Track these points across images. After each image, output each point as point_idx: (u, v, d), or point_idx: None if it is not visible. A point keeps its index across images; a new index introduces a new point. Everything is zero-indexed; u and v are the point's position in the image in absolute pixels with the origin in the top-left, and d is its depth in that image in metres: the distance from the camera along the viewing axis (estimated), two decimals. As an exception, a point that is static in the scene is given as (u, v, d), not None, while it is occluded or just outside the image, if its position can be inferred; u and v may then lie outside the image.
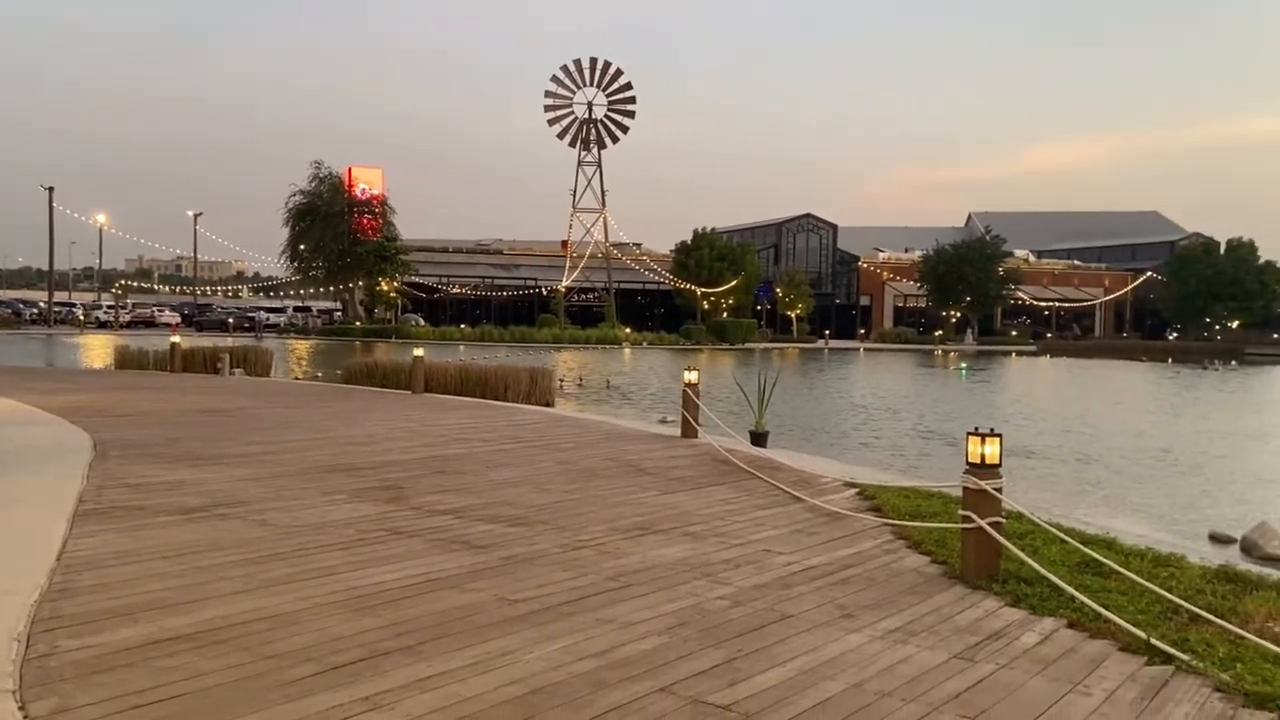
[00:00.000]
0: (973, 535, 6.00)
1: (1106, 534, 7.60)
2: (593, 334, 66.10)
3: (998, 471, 6.00)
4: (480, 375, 20.19)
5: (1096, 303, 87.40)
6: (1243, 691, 4.20)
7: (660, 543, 6.69)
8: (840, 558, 6.49)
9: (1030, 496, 11.21)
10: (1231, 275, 75.43)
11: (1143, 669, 4.50)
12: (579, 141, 75.76)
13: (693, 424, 12.65)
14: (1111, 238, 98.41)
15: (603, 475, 9.54)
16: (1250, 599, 5.71)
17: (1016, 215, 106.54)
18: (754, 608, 5.24)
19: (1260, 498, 12.77)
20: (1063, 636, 4.95)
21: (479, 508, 7.74)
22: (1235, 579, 6.22)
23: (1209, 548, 9.15)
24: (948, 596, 5.64)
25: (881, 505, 8.28)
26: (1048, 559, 6.26)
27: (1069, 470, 14.90)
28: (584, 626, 4.80)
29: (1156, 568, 6.40)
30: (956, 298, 77.58)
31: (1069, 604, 5.38)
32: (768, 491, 8.92)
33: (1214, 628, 5.00)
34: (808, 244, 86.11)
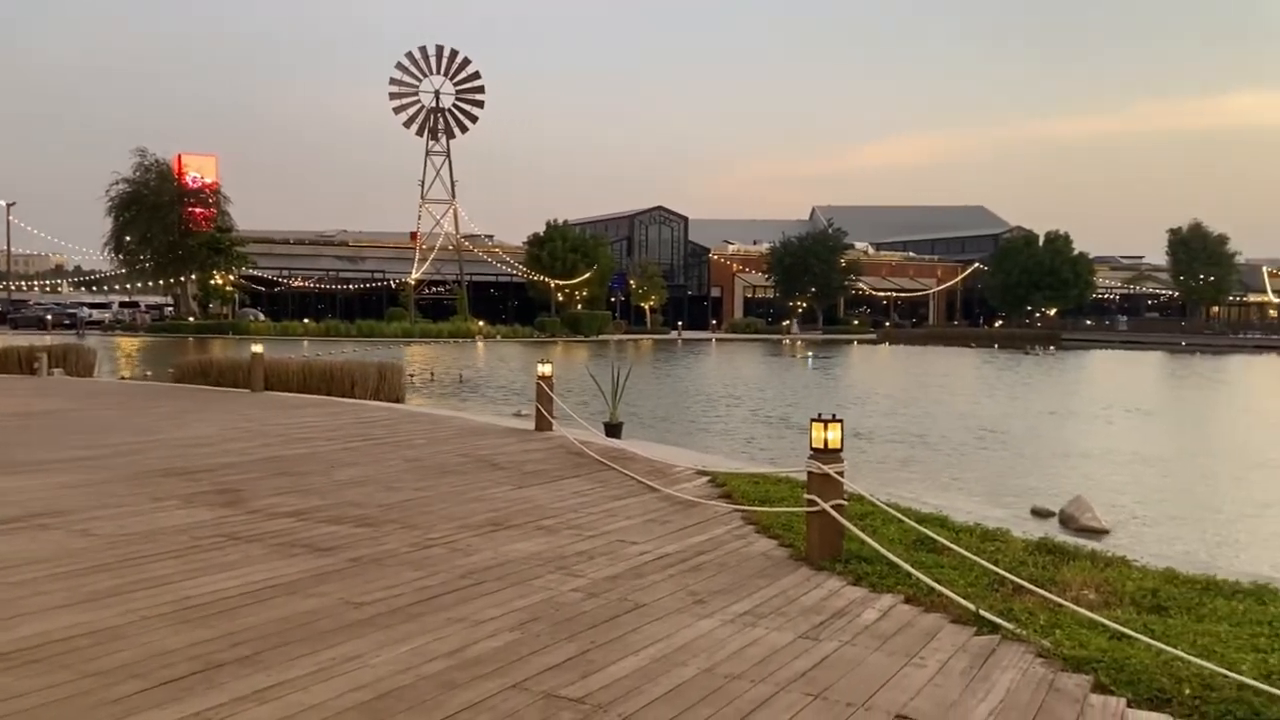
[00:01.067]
0: (817, 518, 6.20)
1: (940, 512, 7.99)
2: (444, 327, 64.95)
3: (840, 456, 6.22)
4: (325, 371, 19.50)
5: (930, 292, 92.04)
6: (1061, 656, 4.49)
7: (513, 538, 6.63)
8: (692, 545, 6.59)
9: (871, 478, 11.70)
10: (1049, 266, 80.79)
11: (972, 639, 4.75)
12: (427, 131, 74.15)
13: (547, 417, 12.59)
14: (942, 231, 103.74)
15: (454, 471, 9.38)
16: (1067, 568, 6.12)
17: (856, 209, 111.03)
18: (608, 599, 5.25)
19: (1077, 472, 13.72)
20: (900, 612, 5.18)
21: (323, 509, 7.47)
22: (1054, 550, 6.66)
23: (1031, 522, 9.77)
24: (794, 578, 5.81)
25: (732, 492, 8.47)
26: (886, 538, 6.54)
27: (906, 451, 15.63)
28: (434, 627, 4.70)
29: (984, 542, 6.78)
30: (802, 288, 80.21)
31: (906, 580, 5.63)
32: (622, 482, 8.97)
33: (1036, 597, 5.33)
34: (660, 236, 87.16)
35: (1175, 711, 3.91)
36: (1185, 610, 5.28)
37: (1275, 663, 4.35)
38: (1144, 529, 10.03)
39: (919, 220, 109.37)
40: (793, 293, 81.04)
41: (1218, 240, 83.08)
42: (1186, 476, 14.16)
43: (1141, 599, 5.46)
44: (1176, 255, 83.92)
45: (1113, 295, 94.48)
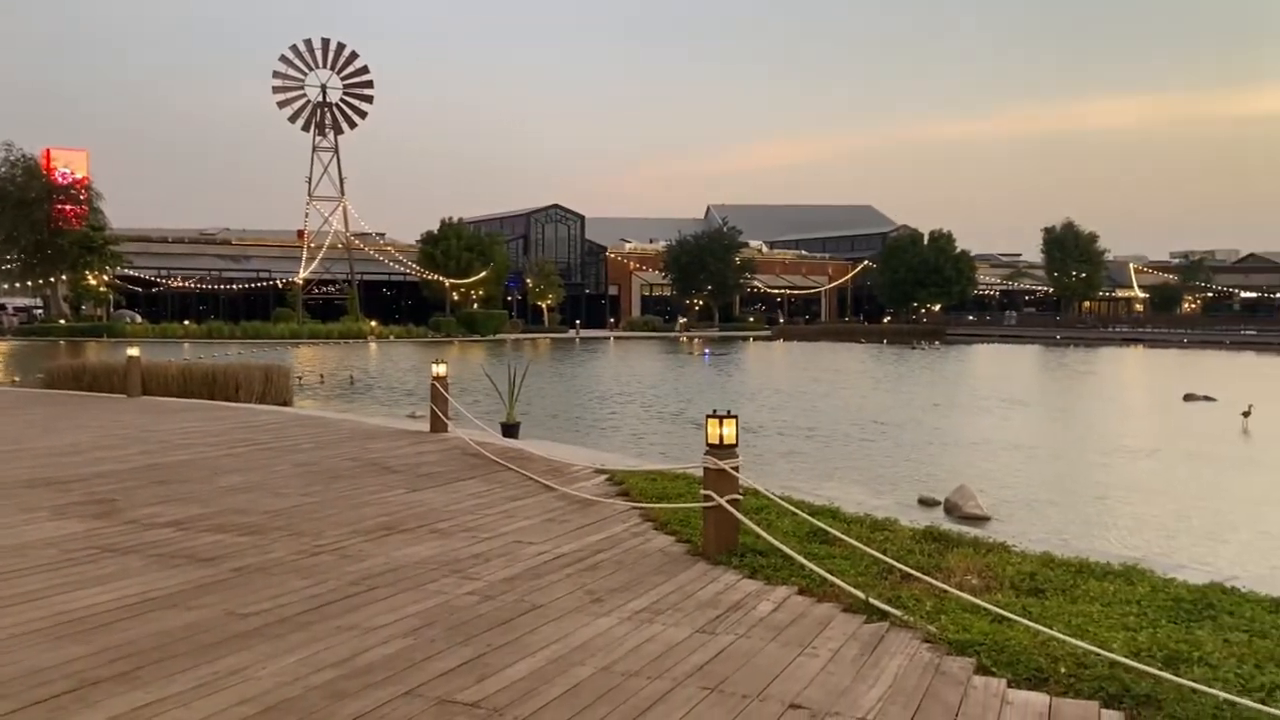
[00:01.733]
0: (713, 513, 6.26)
1: (832, 504, 8.17)
2: (335, 328, 63.33)
3: (735, 451, 6.30)
4: (207, 375, 18.79)
5: (822, 289, 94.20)
6: (946, 640, 4.64)
7: (406, 542, 6.50)
8: (590, 544, 6.58)
9: (766, 472, 11.91)
10: (934, 264, 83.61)
11: (862, 627, 4.87)
12: (313, 126, 72.18)
13: (442, 418, 12.40)
14: (833, 230, 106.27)
15: (345, 476, 9.15)
16: (951, 555, 6.33)
17: (750, 208, 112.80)
18: (504, 601, 5.20)
19: (960, 461, 14.24)
20: (794, 603, 5.28)
21: (206, 518, 7.19)
22: (939, 538, 6.88)
23: (919, 510, 10.10)
24: (691, 574, 5.86)
25: (630, 490, 8.49)
26: (781, 531, 6.65)
27: (800, 445, 15.96)
28: (323, 636, 4.57)
29: (874, 532, 6.96)
30: (699, 286, 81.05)
31: (800, 572, 5.74)
32: (519, 483, 8.90)
33: (922, 584, 5.50)
34: (556, 235, 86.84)
35: (1052, 690, 4.08)
36: (1061, 592, 5.52)
37: (1144, 640, 4.58)
38: (1022, 515, 10.46)
39: (811, 219, 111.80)
40: (689, 291, 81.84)
41: (1089, 239, 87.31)
42: (1059, 463, 14.84)
43: (1020, 582, 5.68)
44: (1051, 253, 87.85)
45: (993, 292, 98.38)
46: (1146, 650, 4.44)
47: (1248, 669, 4.24)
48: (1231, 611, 5.15)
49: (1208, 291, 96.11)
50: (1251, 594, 5.52)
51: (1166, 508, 11.16)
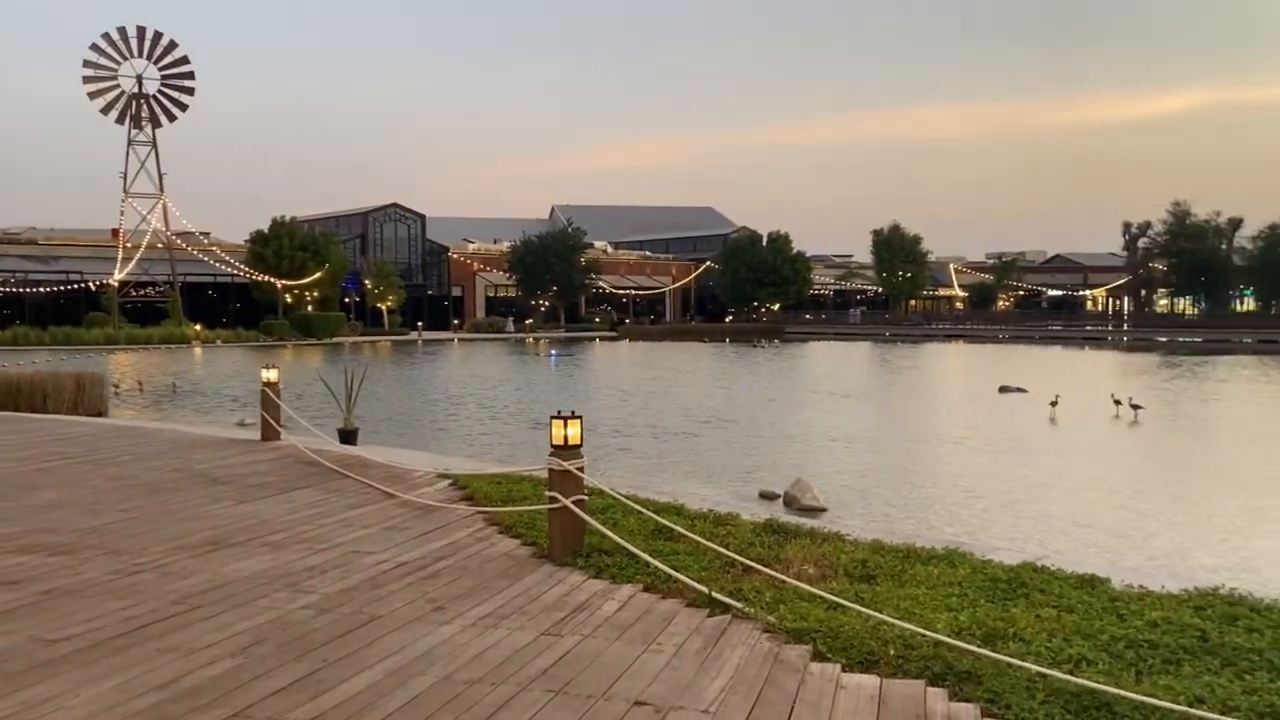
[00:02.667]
0: (558, 515, 6.24)
1: (677, 501, 8.29)
2: (155, 333, 59.66)
3: (579, 452, 6.30)
4: (11, 384, 17.35)
5: (666, 290, 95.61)
6: (785, 629, 4.79)
7: (235, 557, 6.19)
8: (433, 550, 6.44)
9: (613, 471, 11.98)
10: (772, 264, 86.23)
11: (706, 621, 4.96)
12: (129, 118, 67.78)
13: (274, 426, 11.87)
14: (676, 231, 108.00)
15: (168, 489, 8.63)
16: (790, 546, 6.54)
17: (594, 209, 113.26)
18: (341, 613, 5.02)
19: (799, 454, 14.73)
20: (639, 600, 5.32)
21: (10, 538, 6.63)
22: (778, 530, 7.09)
23: (759, 504, 10.38)
24: (537, 576, 5.82)
25: (474, 494, 8.36)
26: (626, 530, 6.70)
27: (646, 443, 16.14)
28: (143, 659, 4.29)
29: (717, 527, 7.10)
30: (544, 287, 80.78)
31: (645, 569, 5.79)
32: (358, 490, 8.62)
33: (762, 576, 5.65)
34: (396, 234, 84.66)
35: (882, 671, 4.27)
36: (890, 577, 5.78)
37: (965, 619, 4.85)
38: (856, 504, 10.92)
39: (654, 220, 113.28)
40: (535, 292, 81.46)
41: (913, 240, 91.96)
42: (889, 454, 15.58)
43: (853, 570, 5.92)
44: (879, 254, 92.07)
45: (827, 291, 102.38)
46: (967, 629, 4.70)
47: (1057, 642, 4.55)
48: (1042, 589, 5.52)
49: (1020, 290, 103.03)
50: (1059, 571, 5.94)
51: (985, 493, 11.87)
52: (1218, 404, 23.36)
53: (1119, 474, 13.80)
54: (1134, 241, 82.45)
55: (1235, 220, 77.95)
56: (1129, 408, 19.52)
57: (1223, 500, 11.52)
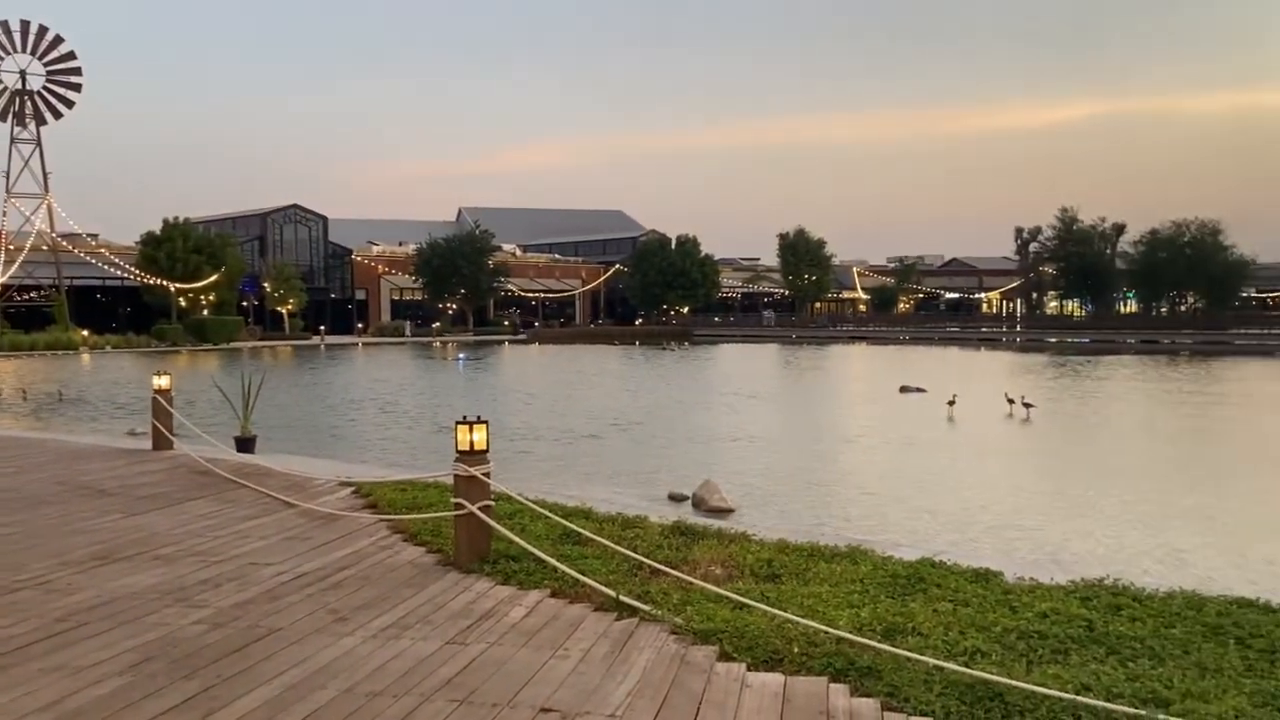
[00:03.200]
0: (464, 521, 6.16)
1: (585, 505, 8.27)
2: (40, 339, 56.92)
3: (486, 457, 6.23)
4: (-121, 394, 16.32)
5: (576, 293, 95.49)
6: (692, 630, 4.82)
7: (123, 571, 5.93)
8: (334, 560, 6.29)
9: (521, 476, 11.89)
10: (681, 267, 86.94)
11: (613, 624, 4.96)
12: (11, 115, 64.56)
13: (166, 435, 11.45)
14: (585, 234, 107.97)
15: (51, 502, 8.23)
16: (697, 548, 6.59)
17: (503, 211, 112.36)
18: (236, 628, 4.86)
19: (708, 456, 14.85)
20: (547, 606, 5.28)
21: (-127, 559, 6.23)
22: (686, 532, 7.14)
23: (668, 506, 10.42)
24: (442, 584, 5.73)
25: (378, 501, 8.20)
26: (534, 535, 6.66)
27: (556, 447, 16.07)
28: (23, 680, 4.08)
29: (625, 530, 7.11)
30: (451, 290, 79.80)
31: (552, 575, 5.76)
32: (255, 500, 8.37)
33: (670, 578, 5.68)
34: (297, 236, 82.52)
35: (787, 669, 4.33)
36: (795, 576, 5.88)
37: (866, 616, 4.96)
38: (762, 505, 11.06)
39: (563, 223, 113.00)
40: (442, 294, 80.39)
41: (818, 244, 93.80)
42: (794, 454, 15.83)
43: (759, 569, 6.00)
44: (786, 258, 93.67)
45: (736, 294, 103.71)
46: (868, 625, 4.81)
47: (953, 635, 4.69)
48: (939, 584, 5.68)
49: (919, 293, 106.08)
50: (955, 566, 6.12)
51: (887, 491, 12.17)
52: (1101, 401, 24.42)
53: (1013, 471, 14.30)
54: (1025, 246, 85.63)
55: (1119, 226, 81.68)
56: (1021, 406, 20.25)
57: (1105, 494, 12.04)
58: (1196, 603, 5.29)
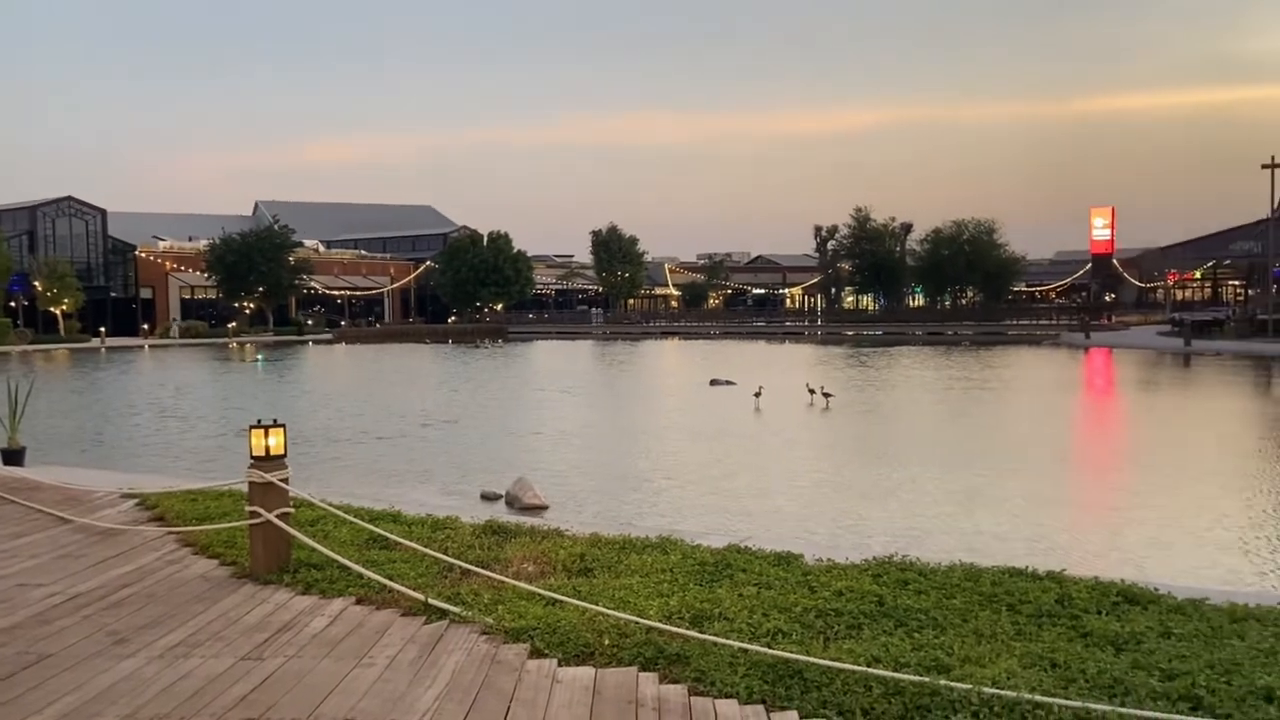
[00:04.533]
0: (260, 530, 5.86)
1: (393, 508, 8.05)
2: None
3: (283, 462, 5.94)
4: None
5: (385, 290, 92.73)
6: (503, 630, 4.77)
7: None
8: (114, 578, 5.84)
9: (325, 480, 11.43)
10: (493, 264, 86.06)
11: (422, 629, 4.84)
12: None
13: (-84, 448, 10.28)
14: (394, 229, 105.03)
15: None
16: (510, 546, 6.53)
17: (304, 205, 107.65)
18: (2, 655, 4.42)
19: (522, 453, 14.77)
20: (351, 614, 5.10)
21: None
22: (499, 531, 7.06)
23: (481, 506, 10.30)
24: (237, 598, 5.43)
25: (165, 513, 7.67)
26: (338, 541, 6.41)
27: (364, 449, 15.55)
28: None
29: (435, 532, 6.96)
30: (249, 288, 75.75)
31: (358, 581, 5.56)
32: (24, 517, 7.66)
33: (481, 578, 5.60)
34: (72, 231, 76.02)
35: (598, 662, 4.36)
36: (607, 569, 5.93)
37: (675, 604, 5.06)
38: (576, 500, 11.11)
39: (370, 218, 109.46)
40: (238, 293, 76.15)
41: (630, 241, 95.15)
42: (608, 448, 16.01)
43: (571, 565, 6.01)
44: (599, 254, 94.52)
45: (550, 291, 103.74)
46: (677, 613, 4.91)
47: (757, 618, 4.86)
48: (744, 569, 5.88)
49: (727, 289, 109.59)
50: (760, 551, 6.35)
51: (698, 481, 12.49)
52: (891, 390, 26.02)
53: (814, 458, 15.00)
54: (824, 244, 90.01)
55: (906, 225, 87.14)
56: (821, 396, 21.28)
57: (896, 477, 12.84)
58: (974, 574, 5.70)
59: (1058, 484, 12.63)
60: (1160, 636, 4.65)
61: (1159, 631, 4.73)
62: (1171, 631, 4.73)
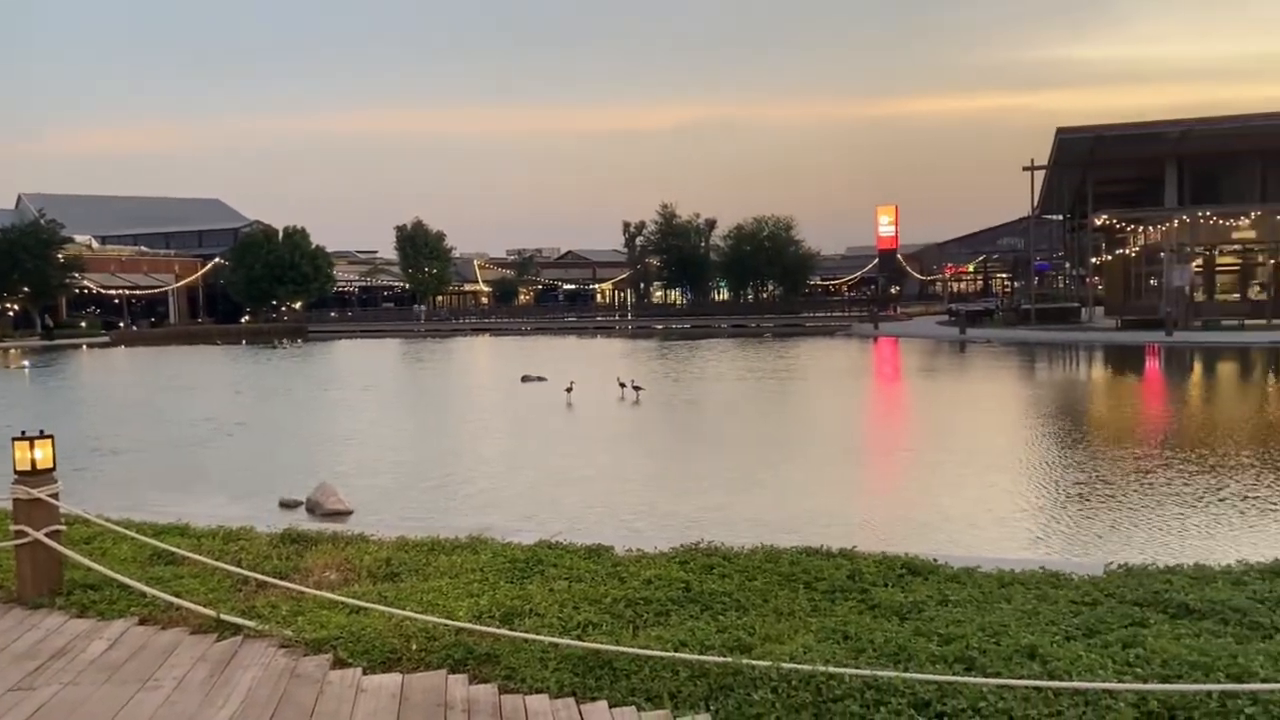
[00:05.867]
0: (28, 551, 5.38)
1: (181, 521, 7.58)
2: None
3: (52, 476, 5.48)
4: None
5: (169, 289, 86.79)
6: (304, 641, 4.58)
7: None
8: None
9: (105, 494, 10.59)
10: (290, 260, 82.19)
11: (214, 646, 4.58)
12: None
13: None
14: (178, 224, 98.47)
15: None
16: (311, 554, 6.28)
17: (75, 198, 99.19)
18: None
19: (326, 457, 14.20)
20: (133, 636, 4.76)
21: None
22: (299, 540, 6.78)
23: (280, 514, 9.83)
24: (2, 625, 4.96)
25: (-89, 538, 6.88)
26: (117, 559, 5.98)
27: (146, 459, 14.51)
28: None
29: (228, 544, 6.60)
30: (11, 288, 69.04)
31: (140, 601, 5.20)
32: None
33: (279, 589, 5.36)
34: None
35: (405, 668, 4.26)
36: (414, 572, 5.81)
37: (485, 603, 5.02)
38: (383, 503, 10.80)
39: (151, 212, 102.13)
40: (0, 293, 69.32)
41: (437, 236, 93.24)
42: (417, 448, 15.65)
43: (377, 570, 5.85)
44: (404, 250, 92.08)
45: (353, 288, 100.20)
46: (487, 612, 4.87)
47: (567, 611, 4.89)
48: (555, 564, 5.90)
49: (538, 284, 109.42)
50: (571, 545, 6.40)
51: (509, 478, 12.41)
52: (699, 382, 26.79)
53: (624, 450, 15.22)
54: (632, 240, 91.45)
55: (710, 221, 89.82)
56: (632, 389, 21.63)
57: (701, 464, 13.23)
58: (774, 556, 5.97)
59: (851, 466, 13.38)
60: (939, 604, 5.03)
61: (938, 599, 5.10)
62: (949, 599, 5.12)
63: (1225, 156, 47.00)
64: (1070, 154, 48.02)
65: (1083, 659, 4.03)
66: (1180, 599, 4.96)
